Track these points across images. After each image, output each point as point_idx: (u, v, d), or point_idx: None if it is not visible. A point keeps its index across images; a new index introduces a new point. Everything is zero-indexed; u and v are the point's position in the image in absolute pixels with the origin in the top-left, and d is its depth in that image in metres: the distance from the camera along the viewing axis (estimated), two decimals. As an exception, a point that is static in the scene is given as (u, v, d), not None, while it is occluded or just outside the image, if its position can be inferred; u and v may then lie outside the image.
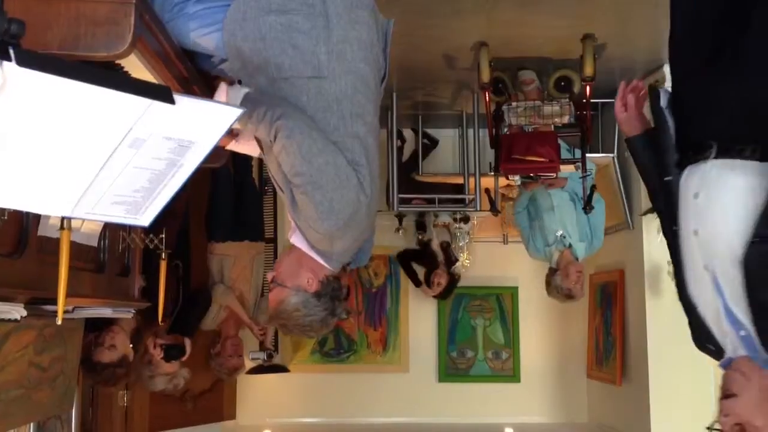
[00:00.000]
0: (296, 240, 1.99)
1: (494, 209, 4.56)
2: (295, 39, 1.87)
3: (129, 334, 3.32)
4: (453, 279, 5.44)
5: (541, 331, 5.88)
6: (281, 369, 4.80)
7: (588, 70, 3.86)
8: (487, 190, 4.53)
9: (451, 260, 5.46)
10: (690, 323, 1.89)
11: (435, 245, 5.50)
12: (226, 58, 1.98)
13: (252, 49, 1.89)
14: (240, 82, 1.99)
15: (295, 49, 1.87)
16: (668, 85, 2.11)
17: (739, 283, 1.66)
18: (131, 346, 3.32)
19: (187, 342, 3.67)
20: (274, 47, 1.87)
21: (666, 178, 1.89)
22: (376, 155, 2.00)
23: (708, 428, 1.69)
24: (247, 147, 2.11)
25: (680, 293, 1.90)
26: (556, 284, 4.24)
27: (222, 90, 1.90)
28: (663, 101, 1.90)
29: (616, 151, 4.65)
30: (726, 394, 1.65)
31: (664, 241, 2.00)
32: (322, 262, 1.98)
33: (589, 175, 4.21)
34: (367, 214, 1.96)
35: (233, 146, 2.12)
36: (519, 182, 4.55)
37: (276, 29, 1.87)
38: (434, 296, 5.53)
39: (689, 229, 1.80)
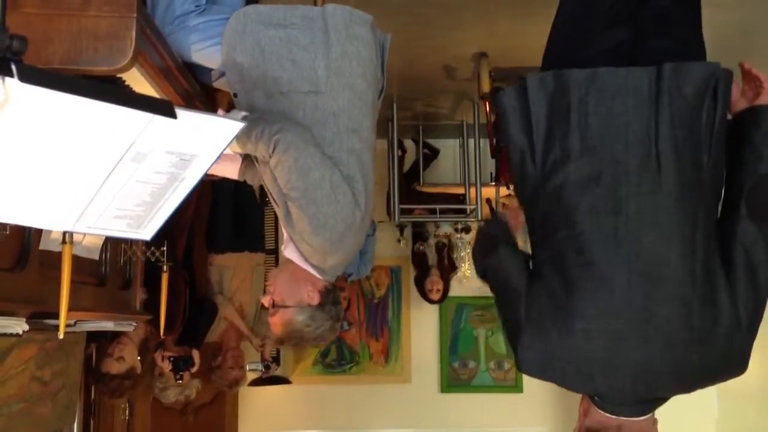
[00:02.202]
0: (289, 252, 1.97)
1: (495, 219, 4.55)
2: (294, 54, 1.87)
3: (137, 345, 3.31)
4: (448, 284, 5.42)
5: (544, 341, 5.86)
6: (283, 381, 4.78)
7: (587, 80, 3.86)
8: (488, 200, 4.53)
9: (444, 263, 5.44)
10: None
11: (430, 244, 5.48)
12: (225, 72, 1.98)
13: (251, 62, 1.89)
14: (235, 96, 1.99)
15: (294, 64, 1.87)
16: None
17: None
18: (138, 358, 3.31)
19: (195, 353, 3.66)
20: (272, 61, 1.88)
21: None
22: (371, 171, 1.99)
23: None
24: (226, 169, 2.10)
25: None
26: None
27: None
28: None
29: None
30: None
31: None
32: (316, 274, 1.98)
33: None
34: (360, 229, 1.96)
35: (212, 169, 2.12)
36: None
37: (275, 43, 1.88)
38: (434, 302, 5.51)
39: None
